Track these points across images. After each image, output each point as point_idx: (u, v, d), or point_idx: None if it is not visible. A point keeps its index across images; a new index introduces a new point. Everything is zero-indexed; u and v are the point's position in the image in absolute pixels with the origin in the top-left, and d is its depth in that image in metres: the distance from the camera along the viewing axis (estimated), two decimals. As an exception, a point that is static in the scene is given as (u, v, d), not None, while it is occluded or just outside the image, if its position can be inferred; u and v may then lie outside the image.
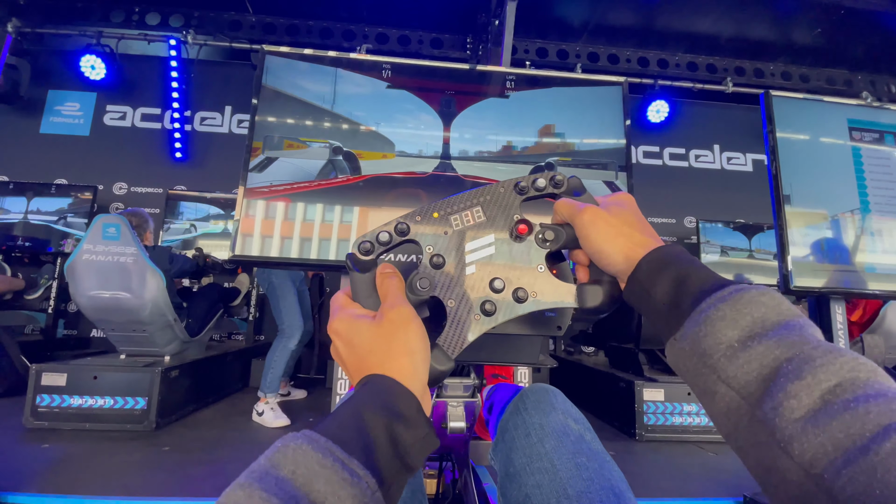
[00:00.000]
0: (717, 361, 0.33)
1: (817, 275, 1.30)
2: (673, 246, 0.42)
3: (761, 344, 0.32)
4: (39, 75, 4.24)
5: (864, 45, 4.28)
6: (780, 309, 0.34)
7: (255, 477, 0.29)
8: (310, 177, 1.02)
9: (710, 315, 0.35)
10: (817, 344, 0.31)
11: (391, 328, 0.40)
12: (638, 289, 0.41)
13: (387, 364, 0.39)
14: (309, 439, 0.32)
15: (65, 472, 1.64)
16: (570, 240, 0.47)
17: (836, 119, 1.41)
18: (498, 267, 0.47)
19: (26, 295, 3.60)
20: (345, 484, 0.30)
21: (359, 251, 0.45)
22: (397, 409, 0.35)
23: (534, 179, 0.49)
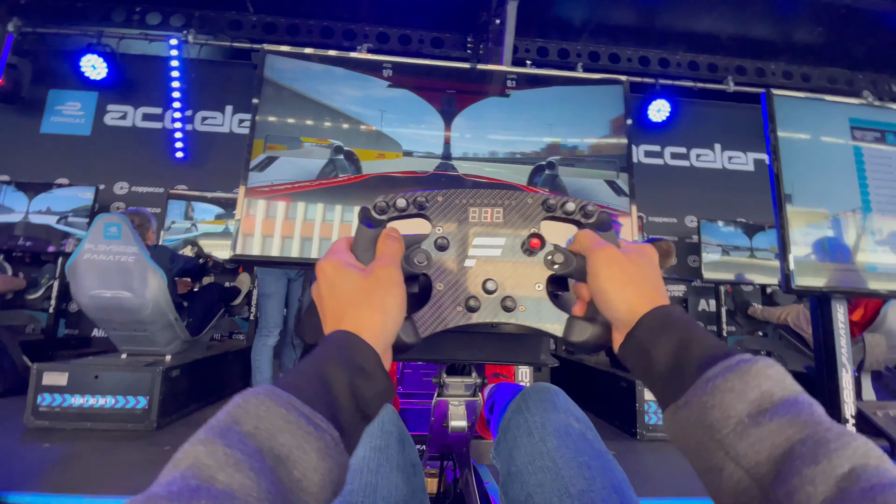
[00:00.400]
0: (725, 437, 0.32)
1: (819, 274, 1.30)
2: (676, 307, 0.41)
3: (772, 421, 0.31)
4: (40, 75, 4.24)
5: (865, 45, 4.28)
6: (784, 384, 0.33)
7: (215, 432, 0.29)
8: (311, 176, 1.02)
9: (717, 385, 0.33)
10: (830, 425, 0.30)
11: (375, 283, 0.41)
12: (636, 347, 0.40)
13: (359, 315, 0.39)
14: (271, 394, 0.32)
15: (66, 472, 1.64)
16: (577, 271, 0.46)
17: (837, 118, 1.40)
18: (497, 269, 0.47)
19: (27, 295, 3.60)
20: (309, 437, 0.31)
21: (374, 208, 0.46)
22: (359, 364, 0.36)
23: (564, 202, 0.48)
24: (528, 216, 0.48)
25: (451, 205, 0.48)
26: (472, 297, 0.45)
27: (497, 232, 0.48)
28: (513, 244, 0.47)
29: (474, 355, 0.59)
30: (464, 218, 0.48)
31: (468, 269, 0.46)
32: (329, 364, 0.36)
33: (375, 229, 0.45)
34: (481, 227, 0.48)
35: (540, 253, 0.47)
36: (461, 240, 0.47)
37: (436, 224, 0.47)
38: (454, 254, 0.47)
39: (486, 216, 0.48)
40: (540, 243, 0.47)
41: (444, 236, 0.47)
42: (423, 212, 0.47)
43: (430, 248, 0.46)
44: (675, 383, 0.37)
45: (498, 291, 0.46)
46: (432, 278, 0.45)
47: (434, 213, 0.47)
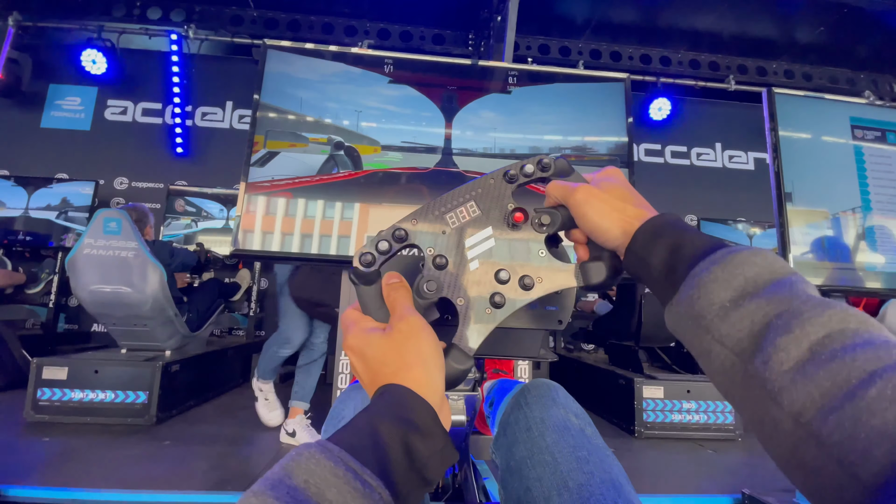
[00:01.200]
0: (710, 322, 0.34)
1: (818, 273, 1.30)
2: (667, 214, 0.42)
3: (752, 302, 0.32)
4: (40, 69, 4.23)
5: (867, 45, 4.27)
6: (773, 268, 0.34)
7: (268, 485, 0.30)
8: (311, 172, 1.02)
9: (703, 278, 0.35)
10: (806, 298, 0.31)
11: (402, 339, 0.40)
12: (635, 259, 0.42)
13: (400, 375, 0.38)
14: (323, 448, 0.32)
15: (66, 466, 1.65)
16: (566, 221, 0.48)
17: (838, 117, 1.40)
18: (500, 258, 0.47)
19: (27, 289, 3.60)
20: (356, 494, 0.30)
21: (361, 264, 0.45)
22: (412, 420, 0.35)
23: (522, 165, 0.49)
24: (498, 196, 0.49)
25: (428, 222, 0.48)
26: (494, 293, 0.45)
27: (482, 225, 0.48)
28: (500, 228, 0.48)
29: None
30: (446, 227, 0.48)
31: (476, 271, 0.47)
32: (380, 418, 0.35)
33: (374, 285, 0.45)
34: (466, 227, 0.48)
35: (527, 223, 0.48)
36: (455, 248, 0.47)
37: (424, 245, 0.47)
38: (456, 265, 0.47)
39: (463, 215, 0.48)
40: (523, 215, 0.48)
41: (439, 254, 0.47)
42: (407, 242, 0.47)
43: (433, 271, 0.46)
44: (670, 284, 0.39)
45: (512, 277, 0.46)
46: (450, 297, 0.45)
47: (417, 238, 0.47)
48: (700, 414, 2.43)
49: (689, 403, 2.44)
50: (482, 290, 0.46)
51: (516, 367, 1.57)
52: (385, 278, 0.45)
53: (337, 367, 1.31)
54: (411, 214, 0.48)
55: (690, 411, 2.43)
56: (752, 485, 1.56)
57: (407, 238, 0.47)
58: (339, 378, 1.27)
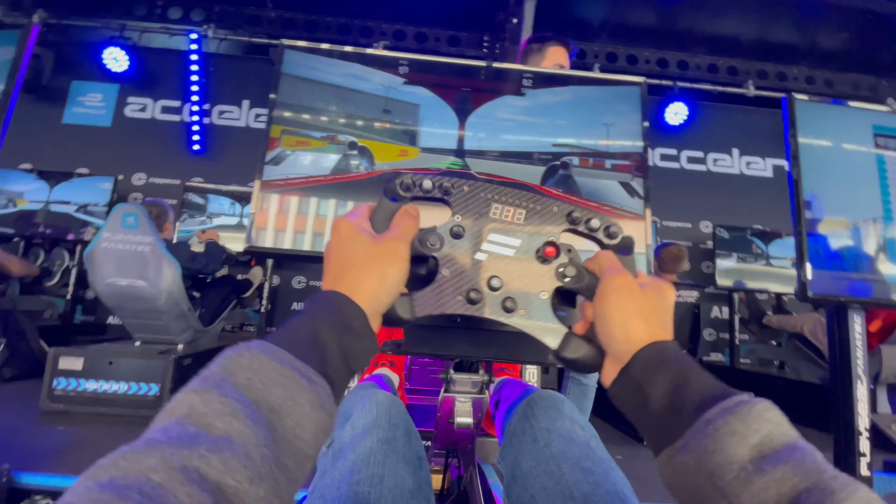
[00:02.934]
0: (728, 484, 0.31)
1: (836, 283, 1.27)
2: (672, 342, 0.40)
3: (776, 469, 0.30)
4: (63, 66, 4.33)
5: (890, 51, 4.17)
6: (783, 428, 0.33)
7: (210, 383, 0.30)
8: (325, 171, 1.03)
9: (718, 428, 0.32)
10: (835, 474, 0.30)
11: (381, 252, 0.42)
12: (630, 383, 0.39)
13: (358, 278, 0.41)
14: (264, 348, 0.33)
15: (79, 454, 1.68)
16: (587, 289, 0.45)
17: (860, 125, 1.37)
18: (506, 269, 0.46)
19: (44, 282, 3.68)
20: (302, 389, 0.32)
21: (399, 184, 0.46)
22: (348, 323, 0.38)
23: (590, 217, 0.47)
24: (549, 224, 0.48)
25: (475, 196, 0.48)
26: (475, 289, 0.45)
27: (514, 232, 0.47)
28: (527, 248, 0.47)
29: (482, 352, 0.59)
30: (485, 212, 0.48)
31: (477, 262, 0.46)
32: (320, 322, 0.37)
33: (397, 203, 0.46)
34: (500, 224, 0.47)
35: (553, 262, 0.47)
36: (477, 232, 0.47)
37: (455, 212, 0.47)
38: (467, 244, 0.47)
39: (507, 215, 0.48)
40: (555, 252, 0.47)
41: (460, 225, 0.47)
42: (447, 198, 0.47)
43: (445, 234, 0.46)
44: (671, 425, 0.35)
45: (501, 290, 0.45)
46: (440, 263, 0.46)
47: (456, 202, 0.47)
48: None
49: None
50: (469, 278, 0.46)
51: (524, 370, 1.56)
52: (408, 205, 0.46)
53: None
54: (466, 181, 0.48)
55: (701, 421, 2.40)
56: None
57: (450, 194, 0.47)
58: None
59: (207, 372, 0.31)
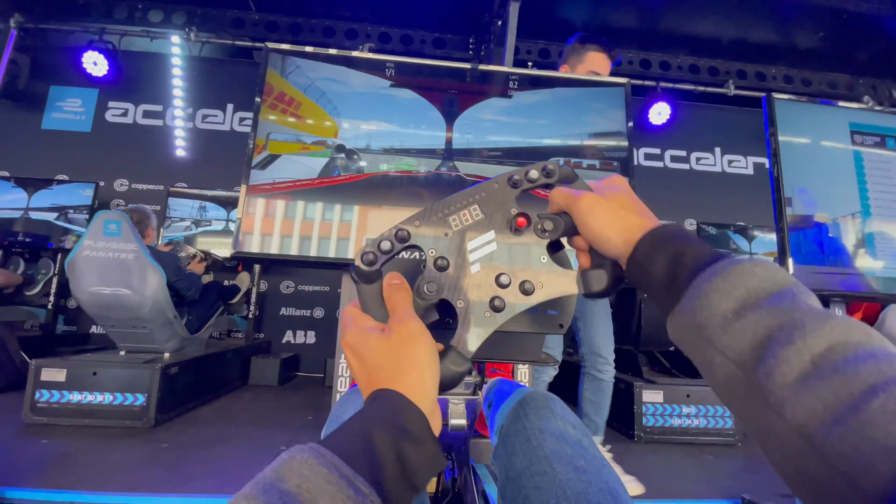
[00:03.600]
0: (712, 332, 0.34)
1: (818, 278, 1.30)
2: (669, 225, 0.43)
3: (754, 313, 0.33)
4: (41, 71, 4.24)
5: (866, 50, 4.29)
6: (774, 279, 0.34)
7: (259, 489, 0.29)
8: (312, 174, 1.03)
9: (704, 288, 0.35)
10: (808, 309, 0.31)
11: (400, 343, 0.40)
12: (637, 269, 0.42)
13: (396, 380, 0.39)
14: (316, 453, 0.32)
15: (63, 468, 1.64)
16: (568, 228, 0.48)
17: (837, 123, 1.41)
18: (501, 262, 0.47)
19: (26, 291, 3.60)
20: (349, 501, 0.30)
21: (363, 263, 0.45)
22: (405, 427, 0.35)
23: (526, 171, 0.49)
24: (502, 200, 0.49)
25: (430, 223, 0.48)
26: (494, 297, 0.46)
27: (484, 228, 0.48)
28: (502, 232, 0.48)
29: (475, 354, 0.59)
30: (448, 230, 0.48)
31: (477, 274, 0.47)
32: (374, 424, 0.35)
33: (375, 283, 0.45)
34: (468, 230, 0.48)
35: (529, 228, 0.48)
36: (457, 251, 0.47)
37: (427, 248, 0.47)
38: (457, 267, 0.47)
39: (466, 218, 0.48)
40: (526, 220, 0.48)
41: (440, 256, 0.47)
42: (409, 242, 0.47)
43: (434, 273, 0.46)
44: (672, 293, 0.39)
45: (513, 281, 0.46)
46: (450, 300, 0.45)
47: (420, 240, 0.47)
48: (700, 418, 2.42)
49: (689, 408, 2.43)
50: (482, 293, 0.46)
51: (516, 369, 1.57)
52: (387, 278, 0.45)
53: (336, 370, 1.31)
54: (414, 216, 0.48)
55: (690, 416, 2.43)
56: (752, 490, 1.56)
57: (409, 238, 0.47)
58: (339, 381, 1.27)
59: (261, 475, 0.31)
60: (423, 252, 0.47)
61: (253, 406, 2.53)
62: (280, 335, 4.18)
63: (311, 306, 4.26)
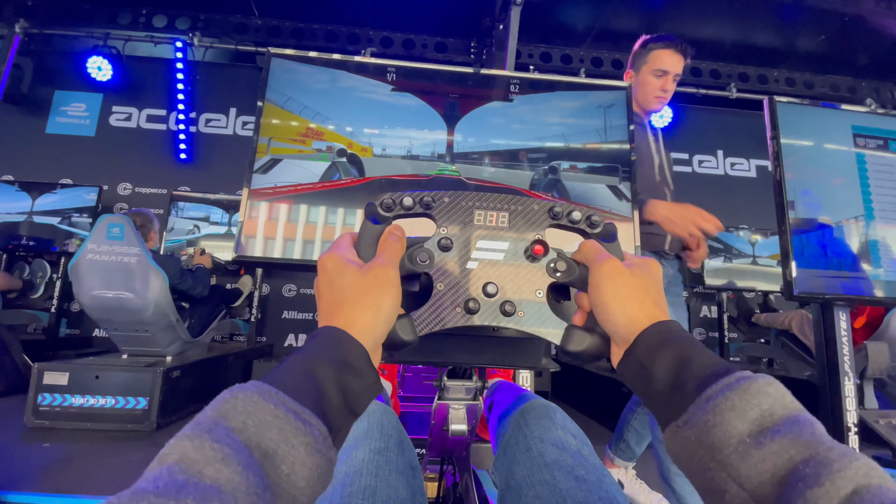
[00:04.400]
0: (727, 457, 0.32)
1: (821, 281, 1.30)
2: (674, 322, 0.41)
3: (774, 441, 0.31)
4: (46, 76, 4.27)
5: (868, 53, 4.28)
6: (784, 401, 0.33)
7: (203, 428, 0.29)
8: (314, 178, 1.03)
9: (718, 404, 0.33)
10: (832, 445, 0.30)
11: (371, 282, 0.41)
12: (635, 364, 0.40)
13: (352, 312, 0.40)
14: (259, 389, 0.32)
15: (65, 472, 1.64)
16: (579, 280, 0.46)
17: (840, 125, 1.40)
18: (499, 273, 0.47)
19: (30, 294, 3.61)
20: (297, 432, 0.31)
21: (380, 205, 0.46)
22: (348, 361, 0.37)
23: (571, 210, 0.48)
24: (533, 222, 0.48)
25: (457, 206, 0.48)
26: (472, 299, 0.45)
27: (501, 236, 0.48)
28: (516, 249, 0.47)
29: (476, 359, 0.59)
30: (469, 220, 0.48)
31: (470, 271, 0.46)
32: (317, 360, 0.36)
33: (380, 226, 0.45)
34: (485, 230, 0.48)
35: (543, 260, 0.47)
36: (464, 242, 0.47)
37: (440, 225, 0.47)
38: (457, 255, 0.47)
39: (491, 220, 0.48)
40: (543, 250, 0.47)
41: (447, 237, 0.47)
42: (429, 212, 0.47)
43: (434, 248, 0.46)
44: (675, 402, 0.36)
45: (498, 295, 0.46)
46: (433, 278, 0.45)
47: (439, 214, 0.47)
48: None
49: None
50: (464, 289, 0.46)
51: (517, 374, 1.56)
52: (391, 227, 0.46)
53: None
54: (447, 192, 0.48)
55: (693, 420, 2.41)
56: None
57: (432, 207, 0.47)
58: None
59: (202, 416, 0.30)
60: (436, 225, 0.47)
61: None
62: (282, 338, 4.18)
63: (313, 310, 4.26)
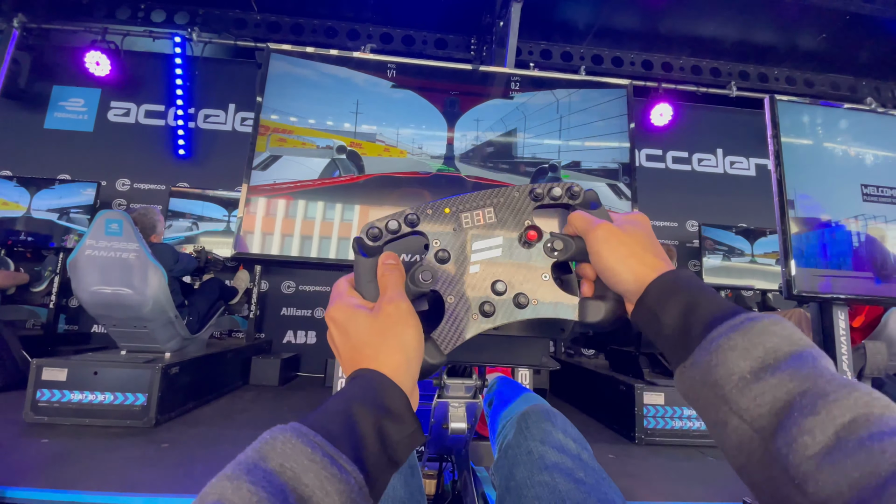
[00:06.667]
0: (728, 392, 0.33)
1: (820, 280, 1.30)
2: (683, 270, 0.42)
3: (774, 376, 0.31)
4: (44, 71, 4.25)
5: (868, 51, 4.27)
6: (792, 339, 0.33)
7: (242, 469, 0.29)
8: (313, 175, 1.02)
9: (721, 344, 0.34)
10: (831, 377, 0.30)
11: (387, 322, 0.40)
12: (646, 313, 0.41)
13: (380, 358, 0.39)
14: (298, 433, 0.32)
15: (64, 468, 1.64)
16: (579, 252, 0.46)
17: (841, 124, 1.40)
18: (502, 269, 0.46)
19: (32, 288, 3.60)
20: (333, 479, 0.31)
21: (367, 236, 0.45)
22: (386, 405, 0.36)
23: (550, 187, 0.48)
24: (518, 210, 0.48)
25: (441, 215, 0.47)
26: (486, 301, 0.45)
27: (493, 232, 0.47)
28: (511, 241, 0.47)
29: (475, 357, 0.59)
30: (458, 226, 0.47)
31: (474, 275, 0.46)
32: (356, 404, 0.35)
33: (373, 258, 0.45)
34: (476, 230, 0.47)
35: (539, 243, 0.47)
36: (460, 248, 0.47)
37: (432, 238, 0.47)
38: (457, 263, 0.46)
39: (478, 219, 0.48)
40: (537, 235, 0.47)
41: (443, 248, 0.46)
42: (416, 228, 0.46)
43: (433, 263, 0.46)
44: (683, 345, 0.37)
45: (508, 291, 0.46)
46: (442, 293, 0.45)
47: (428, 227, 0.47)
48: (701, 421, 2.42)
49: (691, 410, 2.42)
50: (475, 294, 0.45)
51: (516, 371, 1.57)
52: (383, 257, 0.45)
53: (336, 370, 1.31)
54: (428, 204, 0.47)
55: (691, 418, 2.42)
56: (754, 493, 1.55)
57: (418, 224, 0.46)
58: (339, 382, 1.27)
59: (243, 455, 0.31)
60: (428, 241, 0.47)
61: (253, 406, 2.52)
62: (281, 335, 4.18)
63: (311, 306, 4.26)
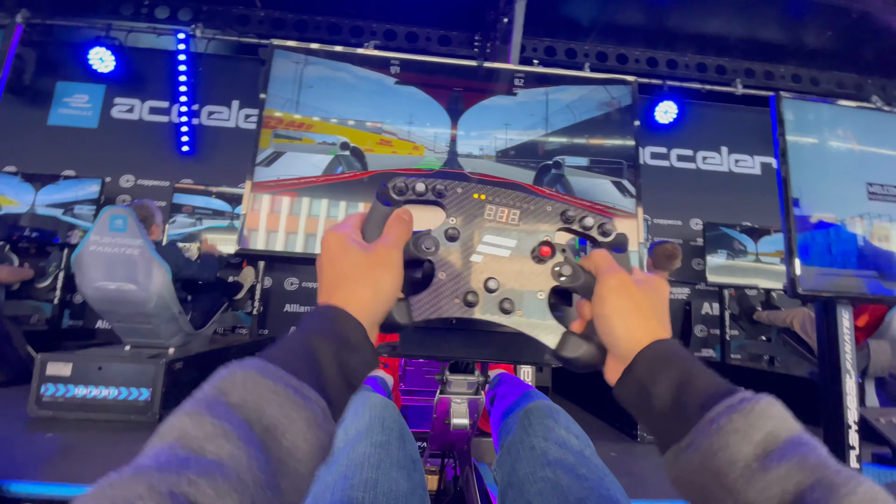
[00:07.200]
0: (734, 483, 0.31)
1: (824, 279, 1.29)
2: (674, 340, 0.40)
3: (781, 466, 0.30)
4: (48, 67, 4.26)
5: (875, 50, 4.24)
6: (787, 423, 0.33)
7: (202, 405, 0.29)
8: (317, 171, 1.02)
9: (723, 426, 0.32)
10: (838, 469, 0.30)
11: (373, 261, 0.41)
12: (634, 383, 0.39)
13: (352, 290, 0.40)
14: (258, 367, 0.33)
15: (68, 462, 1.65)
16: (584, 288, 0.45)
17: (846, 122, 1.39)
18: (502, 269, 0.46)
19: (36, 283, 3.62)
20: (297, 408, 0.31)
21: (392, 188, 0.46)
22: (346, 337, 0.38)
23: (584, 216, 0.47)
24: (543, 223, 0.48)
25: (468, 198, 0.48)
26: (472, 291, 0.45)
27: (509, 232, 0.47)
28: (523, 248, 0.47)
29: (478, 353, 0.59)
30: (479, 213, 0.47)
31: (473, 263, 0.46)
32: (316, 337, 0.37)
33: (390, 208, 0.45)
34: (494, 225, 0.47)
35: (549, 261, 0.46)
36: (471, 234, 0.47)
37: (450, 214, 0.47)
38: (462, 246, 0.46)
39: (501, 215, 0.48)
40: (550, 252, 0.47)
41: (455, 227, 0.46)
42: (440, 200, 0.47)
43: (440, 236, 0.46)
44: (677, 423, 0.35)
45: (498, 291, 0.45)
46: (436, 266, 0.45)
47: (450, 204, 0.47)
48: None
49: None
50: (465, 281, 0.45)
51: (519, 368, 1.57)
52: (400, 209, 0.46)
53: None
54: (461, 183, 0.48)
55: (693, 416, 2.42)
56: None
57: (444, 196, 0.47)
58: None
59: (200, 392, 0.30)
60: (446, 214, 0.47)
61: (256, 402, 2.53)
62: (284, 331, 4.12)
63: (315, 303, 4.25)
